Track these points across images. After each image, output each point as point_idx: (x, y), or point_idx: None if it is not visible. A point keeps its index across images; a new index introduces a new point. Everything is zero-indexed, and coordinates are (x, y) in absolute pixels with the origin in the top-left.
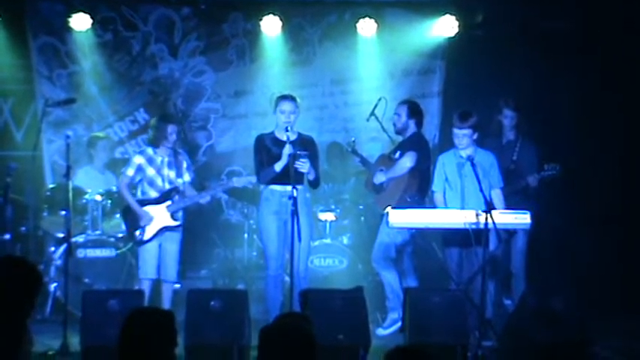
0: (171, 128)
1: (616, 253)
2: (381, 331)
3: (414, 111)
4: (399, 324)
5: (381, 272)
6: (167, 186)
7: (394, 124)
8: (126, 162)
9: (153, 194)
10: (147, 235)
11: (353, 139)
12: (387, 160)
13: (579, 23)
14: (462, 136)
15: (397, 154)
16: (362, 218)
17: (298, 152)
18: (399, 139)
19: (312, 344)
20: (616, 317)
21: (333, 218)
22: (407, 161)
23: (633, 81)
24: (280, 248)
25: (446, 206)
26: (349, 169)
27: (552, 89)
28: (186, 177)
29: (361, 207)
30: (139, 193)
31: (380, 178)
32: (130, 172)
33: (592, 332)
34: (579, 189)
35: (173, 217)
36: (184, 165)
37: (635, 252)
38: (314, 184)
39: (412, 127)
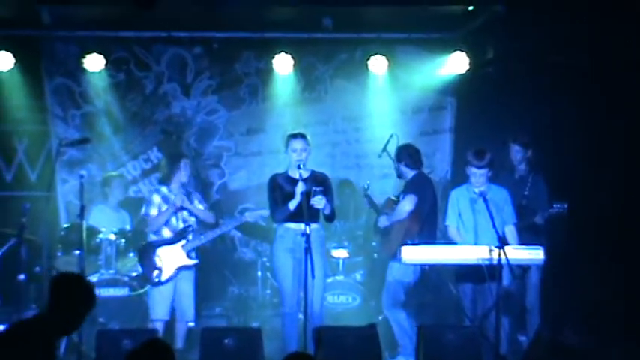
0: (183, 163)
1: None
2: None
3: (399, 155)
4: None
5: (389, 312)
6: (181, 225)
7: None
8: (140, 201)
9: (167, 234)
10: (164, 276)
11: (368, 182)
12: (392, 204)
13: (589, 58)
14: (480, 175)
15: (401, 198)
16: (375, 255)
17: (314, 189)
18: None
19: None
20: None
21: (346, 255)
22: (406, 205)
23: None
24: (295, 286)
25: (462, 239)
26: (361, 207)
27: (562, 124)
28: (200, 207)
29: (374, 244)
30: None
31: (383, 222)
32: (154, 211)
33: None
34: (588, 223)
35: (189, 255)
36: (196, 201)
37: None
38: (330, 218)
39: (407, 170)
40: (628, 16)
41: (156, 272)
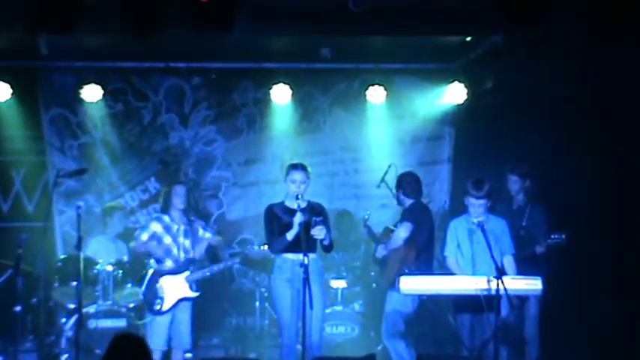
0: (178, 189)
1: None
2: None
3: (399, 183)
4: None
5: (388, 343)
6: (182, 255)
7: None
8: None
9: (168, 263)
10: (165, 306)
11: (368, 212)
12: (389, 233)
13: (587, 90)
14: (479, 205)
15: (397, 226)
16: (373, 285)
17: (314, 219)
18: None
19: None
20: None
21: (345, 285)
22: (401, 232)
23: None
24: (294, 316)
25: (460, 270)
26: (360, 237)
27: (560, 155)
28: (208, 235)
29: (372, 273)
30: (152, 262)
31: (381, 251)
32: (145, 237)
33: None
34: (589, 253)
35: (191, 287)
36: (200, 231)
37: None
38: (328, 248)
39: (405, 198)
40: (626, 47)
41: (158, 301)
